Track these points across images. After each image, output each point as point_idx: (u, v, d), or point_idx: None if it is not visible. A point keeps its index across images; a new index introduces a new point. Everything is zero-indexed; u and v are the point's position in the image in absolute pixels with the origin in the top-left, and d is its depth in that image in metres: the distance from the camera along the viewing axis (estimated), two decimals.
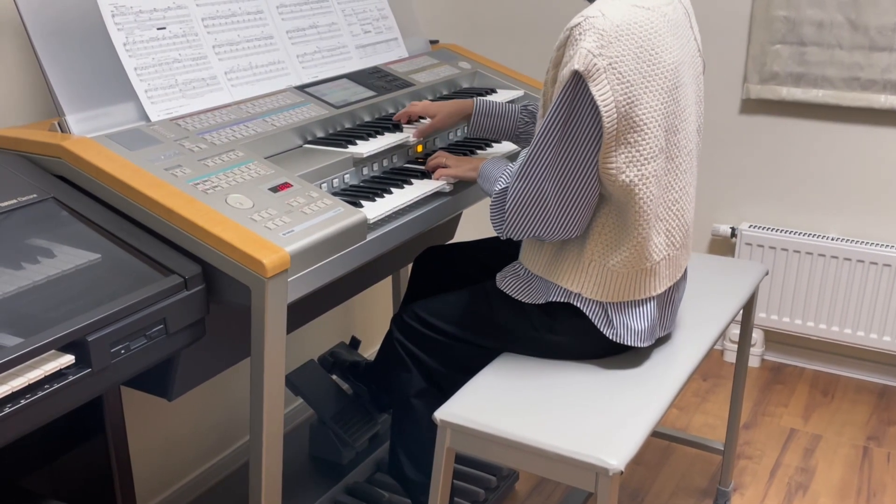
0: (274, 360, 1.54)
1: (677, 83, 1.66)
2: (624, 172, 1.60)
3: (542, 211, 1.65)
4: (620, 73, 1.55)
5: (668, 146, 1.67)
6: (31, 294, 1.33)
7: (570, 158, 1.60)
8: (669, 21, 1.67)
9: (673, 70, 1.64)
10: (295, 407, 2.78)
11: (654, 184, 1.65)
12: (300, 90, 2.05)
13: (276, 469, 1.62)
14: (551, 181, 1.62)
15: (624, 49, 1.56)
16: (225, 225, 1.50)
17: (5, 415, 1.19)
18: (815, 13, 2.84)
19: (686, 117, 1.72)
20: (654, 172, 1.64)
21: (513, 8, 3.33)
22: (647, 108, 1.60)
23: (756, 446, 2.76)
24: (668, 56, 1.63)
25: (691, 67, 1.75)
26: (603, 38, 1.54)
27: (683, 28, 1.73)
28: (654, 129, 1.62)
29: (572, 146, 1.60)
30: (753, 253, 3.08)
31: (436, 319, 1.88)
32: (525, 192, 1.65)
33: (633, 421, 1.61)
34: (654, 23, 1.62)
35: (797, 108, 2.99)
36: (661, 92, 1.62)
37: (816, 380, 3.16)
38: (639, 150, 1.61)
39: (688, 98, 1.72)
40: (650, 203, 1.66)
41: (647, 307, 1.76)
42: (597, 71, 1.54)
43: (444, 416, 1.64)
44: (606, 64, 1.54)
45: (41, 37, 1.63)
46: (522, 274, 1.82)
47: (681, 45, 1.69)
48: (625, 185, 1.62)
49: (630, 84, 1.57)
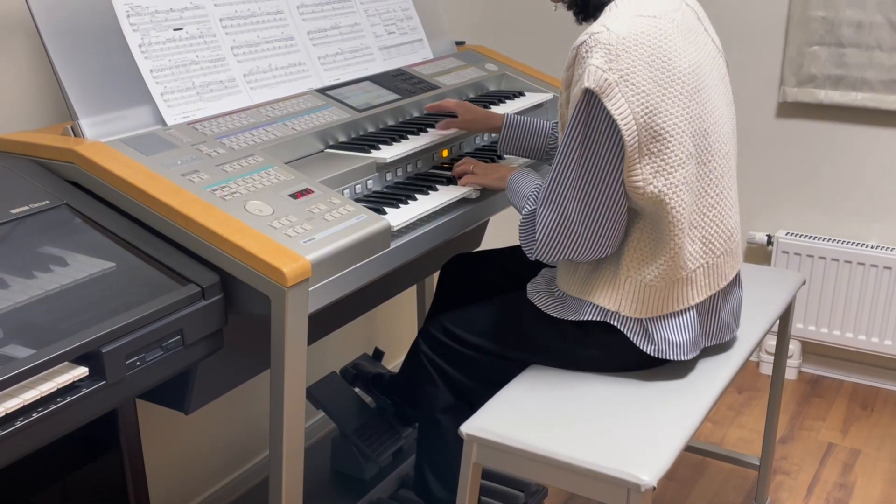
0: (294, 372, 1.53)
1: (699, 86, 1.66)
2: (651, 183, 1.60)
3: (569, 235, 1.66)
4: (634, 84, 1.56)
5: (698, 151, 1.66)
6: (44, 304, 1.33)
7: (592, 178, 1.61)
8: (679, 26, 1.67)
9: (691, 74, 1.64)
10: (316, 421, 2.79)
11: (684, 191, 1.64)
12: (321, 93, 2.05)
13: (297, 485, 1.61)
14: (575, 203, 1.63)
15: (634, 60, 1.56)
16: (244, 232, 1.50)
17: (17, 428, 1.19)
18: (854, 13, 2.83)
19: (716, 119, 1.71)
20: (683, 179, 1.63)
21: (541, 7, 3.34)
22: (669, 116, 1.60)
23: (793, 461, 2.75)
24: (683, 60, 1.63)
25: (714, 69, 1.74)
26: (610, 52, 1.55)
27: (696, 31, 1.73)
28: (678, 135, 1.61)
29: (592, 165, 1.60)
30: (790, 261, 3.07)
31: (463, 332, 1.87)
32: (551, 218, 1.66)
33: (665, 435, 1.60)
34: (662, 30, 1.62)
35: (835, 112, 2.98)
36: (682, 97, 1.62)
37: (855, 393, 3.15)
38: (663, 159, 1.60)
39: (714, 100, 1.71)
40: (683, 211, 1.65)
41: (686, 318, 1.74)
42: (608, 86, 1.55)
43: (471, 430, 1.64)
44: (618, 77, 1.55)
45: (54, 37, 1.63)
46: (556, 294, 1.81)
47: (696, 48, 1.69)
48: (654, 196, 1.61)
49: (646, 94, 1.57)
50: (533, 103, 2.39)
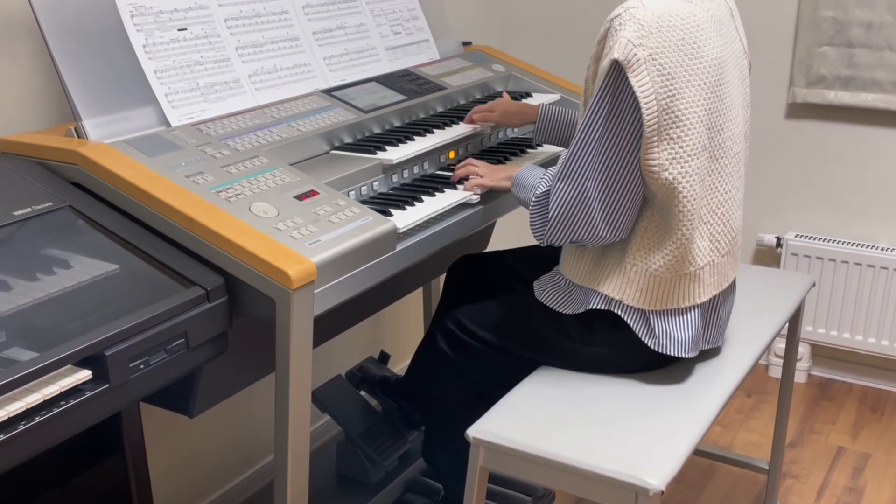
0: (300, 375, 1.53)
1: (721, 80, 1.66)
2: (667, 170, 1.60)
3: (586, 213, 1.64)
4: (661, 64, 1.56)
5: (711, 145, 1.66)
6: (47, 307, 1.33)
7: (614, 155, 1.60)
8: (713, 17, 1.68)
9: (716, 66, 1.64)
10: (321, 424, 2.79)
11: (697, 182, 1.64)
12: (327, 94, 2.05)
13: (302, 489, 1.61)
14: (595, 180, 1.62)
15: (664, 40, 1.57)
16: (248, 234, 1.49)
17: (20, 432, 1.18)
18: (864, 14, 2.83)
19: (731, 118, 1.71)
20: (696, 170, 1.63)
21: (549, 8, 3.35)
22: (689, 103, 1.60)
23: (802, 465, 2.74)
24: (711, 51, 1.63)
25: (736, 68, 1.74)
26: (643, 29, 1.55)
27: (727, 26, 1.73)
28: (696, 124, 1.61)
29: (615, 141, 1.60)
30: (799, 264, 3.06)
31: (476, 327, 1.88)
32: (568, 194, 1.65)
33: (674, 438, 1.60)
34: (696, 16, 1.63)
35: (845, 113, 2.97)
36: (704, 87, 1.62)
37: (865, 396, 3.14)
38: (681, 147, 1.60)
39: (733, 98, 1.71)
40: (693, 202, 1.65)
41: (690, 316, 1.74)
42: (637, 61, 1.55)
43: (478, 433, 1.64)
44: (647, 54, 1.55)
45: (57, 38, 1.62)
46: (563, 284, 1.81)
47: (725, 42, 1.69)
48: (668, 183, 1.61)
49: (671, 76, 1.57)
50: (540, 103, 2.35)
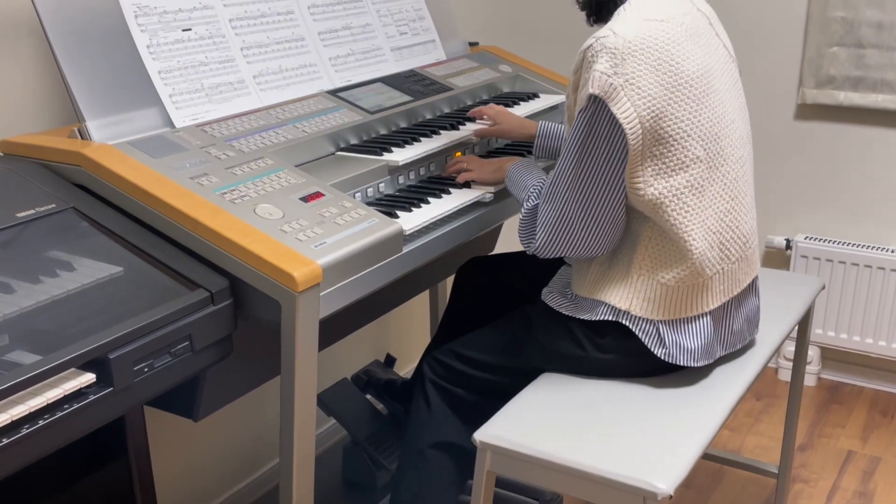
0: (305, 378, 1.53)
1: (707, 90, 1.66)
2: (651, 185, 1.62)
3: (567, 233, 1.68)
4: (640, 87, 1.57)
5: (708, 155, 1.66)
6: (50, 309, 1.33)
7: (591, 179, 1.63)
8: (688, 30, 1.68)
9: (699, 77, 1.65)
10: (327, 428, 2.78)
11: (689, 194, 1.65)
12: (332, 95, 2.05)
13: (308, 493, 1.61)
14: (574, 203, 1.66)
15: (640, 64, 1.58)
16: (253, 236, 1.49)
17: (23, 436, 1.18)
18: (875, 14, 2.82)
19: (728, 124, 1.71)
20: (687, 183, 1.64)
21: (556, 8, 3.34)
22: (675, 120, 1.61)
23: (812, 469, 2.73)
24: (691, 64, 1.64)
25: (725, 74, 1.75)
26: (615, 57, 1.57)
27: (707, 36, 1.74)
28: (683, 139, 1.62)
29: (591, 167, 1.63)
30: (809, 266, 3.05)
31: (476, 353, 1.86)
32: (551, 216, 1.69)
33: (682, 442, 1.60)
34: (669, 33, 1.63)
35: (855, 114, 2.96)
36: (690, 101, 1.63)
37: (876, 399, 3.13)
38: (664, 162, 1.62)
39: (725, 105, 1.72)
40: (685, 214, 1.65)
41: (700, 324, 1.73)
42: (614, 90, 1.56)
43: (485, 437, 1.63)
44: (623, 82, 1.56)
45: (60, 38, 1.63)
46: (570, 297, 1.81)
47: (706, 52, 1.70)
48: (652, 200, 1.62)
49: (653, 98, 1.58)
50: (547, 105, 2.38)
